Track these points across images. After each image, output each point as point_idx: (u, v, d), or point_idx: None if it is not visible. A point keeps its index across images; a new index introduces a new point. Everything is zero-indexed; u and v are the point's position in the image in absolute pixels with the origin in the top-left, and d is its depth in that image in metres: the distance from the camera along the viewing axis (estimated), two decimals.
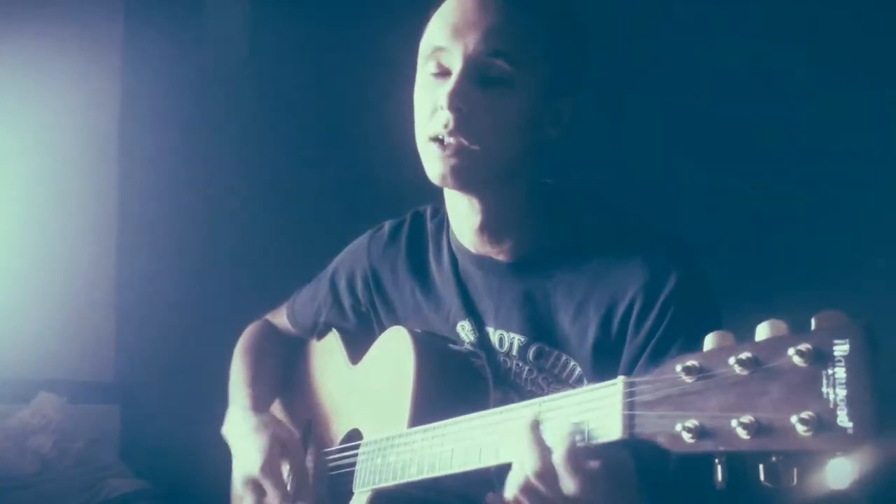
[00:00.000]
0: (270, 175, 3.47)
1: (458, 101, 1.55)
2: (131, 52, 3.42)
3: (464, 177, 1.60)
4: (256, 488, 1.84)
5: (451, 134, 1.56)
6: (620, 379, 1.17)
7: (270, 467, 1.84)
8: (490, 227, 1.70)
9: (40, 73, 3.22)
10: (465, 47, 1.57)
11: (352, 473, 1.74)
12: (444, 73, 1.60)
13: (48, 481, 2.94)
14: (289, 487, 1.85)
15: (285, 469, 1.87)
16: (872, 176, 2.69)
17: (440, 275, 1.86)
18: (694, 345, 1.52)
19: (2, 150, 3.24)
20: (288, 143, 3.47)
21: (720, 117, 3.02)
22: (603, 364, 1.62)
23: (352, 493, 1.73)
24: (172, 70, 3.35)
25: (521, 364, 1.72)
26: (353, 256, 2.04)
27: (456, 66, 1.57)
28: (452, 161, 1.58)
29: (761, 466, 0.99)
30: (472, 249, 1.77)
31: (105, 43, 3.39)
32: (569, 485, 1.22)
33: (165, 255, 3.39)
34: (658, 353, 1.56)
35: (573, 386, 1.67)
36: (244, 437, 1.93)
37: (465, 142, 1.56)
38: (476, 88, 1.56)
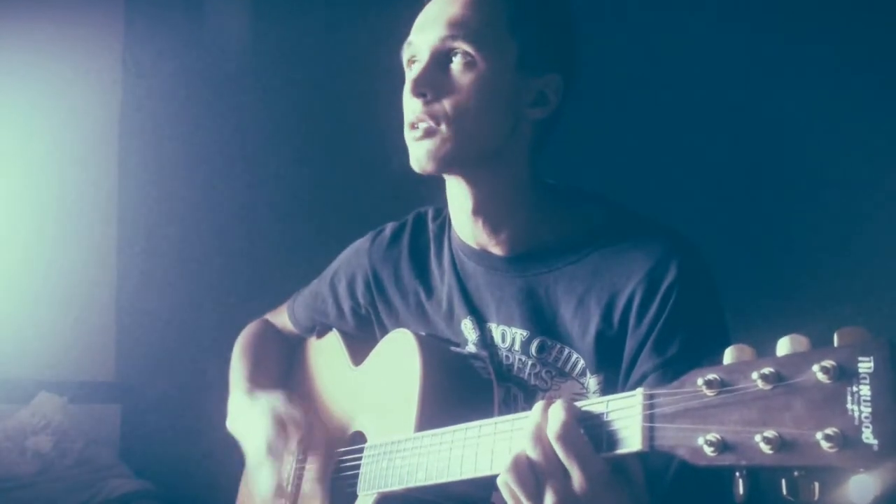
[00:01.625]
0: (271, 175, 3.47)
1: (420, 86, 1.61)
2: (131, 51, 3.41)
3: (438, 159, 1.63)
4: (272, 452, 1.87)
5: (419, 119, 1.62)
6: (639, 390, 1.17)
7: (280, 431, 1.87)
8: (483, 212, 1.71)
9: (41, 73, 3.22)
10: (428, 38, 1.63)
11: (356, 476, 1.74)
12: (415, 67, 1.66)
13: (48, 481, 2.93)
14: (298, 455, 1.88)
15: (293, 435, 1.89)
16: (885, 182, 2.70)
17: (441, 274, 1.86)
18: (696, 334, 1.55)
19: (2, 150, 3.24)
20: (288, 142, 3.48)
21: (722, 116, 3.02)
22: (605, 356, 1.64)
23: (355, 496, 1.72)
24: (172, 70, 3.35)
25: (523, 359, 1.73)
26: (353, 259, 2.04)
27: (423, 57, 1.64)
28: (426, 145, 1.62)
29: (783, 481, 1.00)
30: (472, 244, 1.77)
31: (105, 43, 3.39)
32: (574, 475, 1.21)
33: (165, 255, 3.39)
34: (661, 341, 1.57)
35: (576, 379, 1.68)
36: (247, 418, 1.97)
37: (433, 124, 1.61)
38: (440, 73, 1.62)
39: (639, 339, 1.60)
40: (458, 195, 1.72)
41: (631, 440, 1.16)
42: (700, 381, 1.07)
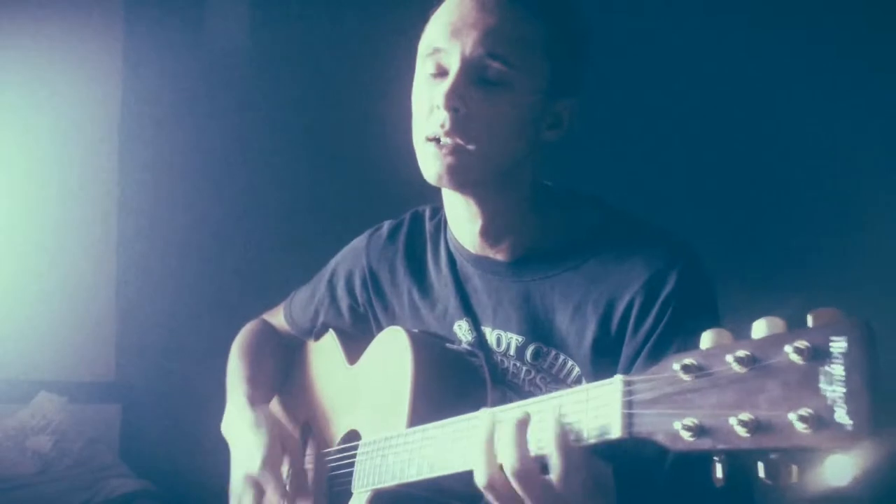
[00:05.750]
0: (270, 175, 3.48)
1: (454, 100, 1.54)
2: (131, 52, 3.43)
3: (459, 176, 1.58)
4: (256, 486, 1.83)
5: (447, 134, 1.55)
6: (618, 377, 1.16)
7: (271, 465, 1.82)
8: (490, 229, 1.69)
9: (40, 73, 3.24)
10: (462, 48, 1.56)
11: (350, 474, 1.73)
12: (442, 73, 1.59)
13: (48, 481, 2.95)
14: (287, 487, 1.84)
15: (284, 468, 1.87)
16: (869, 174, 2.69)
17: (438, 275, 1.84)
18: (691, 344, 1.53)
19: (2, 151, 3.25)
20: (287, 142, 3.48)
21: (718, 116, 3.02)
22: (602, 364, 1.61)
23: (350, 494, 1.71)
24: (172, 70, 3.36)
25: (518, 364, 1.71)
26: (351, 257, 2.03)
27: (454, 66, 1.56)
28: (448, 160, 1.57)
29: (760, 464, 0.99)
30: (471, 249, 1.75)
31: (105, 43, 3.40)
32: (556, 482, 1.23)
33: (165, 255, 3.40)
34: (656, 351, 1.55)
35: (571, 386, 1.66)
36: (244, 432, 1.92)
37: (461, 142, 1.55)
38: (473, 89, 1.55)
39: (634, 349, 1.58)
40: (464, 212, 1.69)
41: (611, 428, 1.15)
42: (677, 366, 1.07)
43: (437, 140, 1.57)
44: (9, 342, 3.21)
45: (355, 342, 2.01)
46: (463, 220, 1.72)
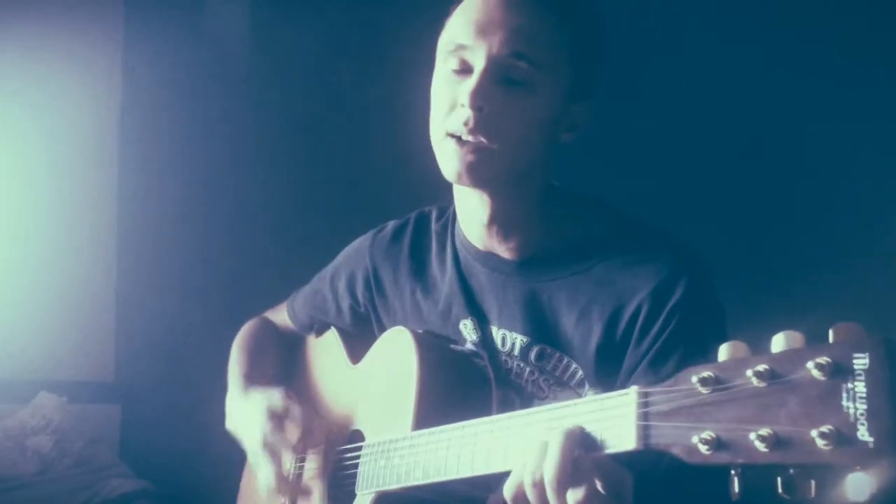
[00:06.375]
0: (271, 174, 3.47)
1: (480, 99, 1.54)
2: (131, 52, 3.42)
3: (479, 175, 1.59)
4: (271, 454, 1.84)
5: (470, 132, 1.56)
6: (633, 388, 1.16)
7: (273, 430, 1.84)
8: (499, 223, 1.69)
9: (40, 73, 3.23)
10: (489, 46, 1.56)
11: (354, 475, 1.73)
12: (465, 70, 1.59)
13: (48, 481, 2.94)
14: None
15: (292, 431, 1.86)
16: (879, 179, 2.69)
17: (442, 274, 1.85)
18: (695, 353, 1.52)
19: (2, 150, 3.24)
20: (289, 142, 3.47)
21: (726, 119, 3.01)
22: (605, 368, 1.62)
23: (354, 495, 1.71)
24: (172, 70, 3.35)
25: (522, 365, 1.72)
26: (354, 256, 2.03)
27: (479, 64, 1.57)
28: (469, 159, 1.57)
29: (779, 479, 0.99)
30: (479, 246, 1.76)
31: (105, 43, 3.40)
32: (576, 495, 1.22)
33: (165, 255, 3.40)
34: (658, 359, 1.56)
35: (574, 389, 1.67)
36: (241, 418, 1.95)
37: (483, 141, 1.56)
38: (498, 88, 1.56)
39: (638, 356, 1.59)
40: (475, 206, 1.70)
41: (625, 439, 1.15)
42: (694, 379, 1.06)
43: (459, 138, 1.58)
44: (9, 342, 3.20)
45: (358, 341, 2.02)
46: (474, 214, 1.72)
